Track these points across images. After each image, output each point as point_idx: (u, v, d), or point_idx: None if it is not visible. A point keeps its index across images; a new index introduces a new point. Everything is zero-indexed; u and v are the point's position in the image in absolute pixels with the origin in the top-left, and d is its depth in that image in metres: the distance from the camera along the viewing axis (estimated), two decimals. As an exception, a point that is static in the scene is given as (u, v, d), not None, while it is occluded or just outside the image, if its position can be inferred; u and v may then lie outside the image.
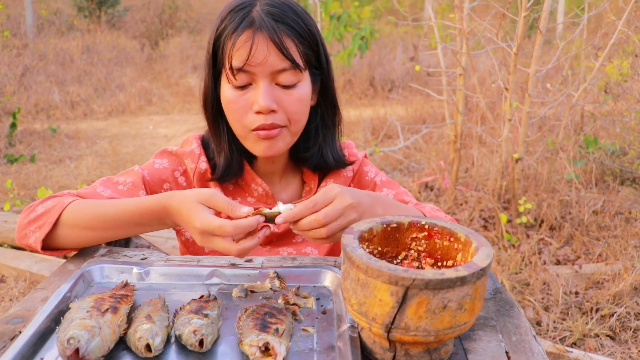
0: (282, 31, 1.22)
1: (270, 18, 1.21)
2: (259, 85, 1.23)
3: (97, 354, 0.82)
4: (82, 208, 1.20)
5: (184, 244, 1.44)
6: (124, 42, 11.63)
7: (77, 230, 1.20)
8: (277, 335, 0.87)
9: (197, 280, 1.12)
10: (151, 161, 1.41)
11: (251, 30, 1.21)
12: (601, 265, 3.38)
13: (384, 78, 9.19)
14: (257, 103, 1.23)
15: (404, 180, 5.15)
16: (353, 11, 6.84)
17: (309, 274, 1.12)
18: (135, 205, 1.17)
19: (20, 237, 1.24)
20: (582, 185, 4.50)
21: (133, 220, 1.17)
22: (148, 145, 6.80)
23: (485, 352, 0.91)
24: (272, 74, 1.23)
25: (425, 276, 0.76)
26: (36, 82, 8.40)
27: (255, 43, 1.20)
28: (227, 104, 1.27)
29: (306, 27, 1.27)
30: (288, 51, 1.22)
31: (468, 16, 4.01)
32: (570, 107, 4.12)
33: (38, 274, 3.36)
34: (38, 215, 1.22)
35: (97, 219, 1.19)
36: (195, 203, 1.07)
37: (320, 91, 1.38)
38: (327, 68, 1.35)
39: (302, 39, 1.25)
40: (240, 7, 1.24)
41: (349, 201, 1.07)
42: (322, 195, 1.06)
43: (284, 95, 1.25)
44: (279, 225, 1.36)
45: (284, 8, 1.24)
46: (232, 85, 1.25)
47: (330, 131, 1.42)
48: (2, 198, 4.67)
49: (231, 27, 1.23)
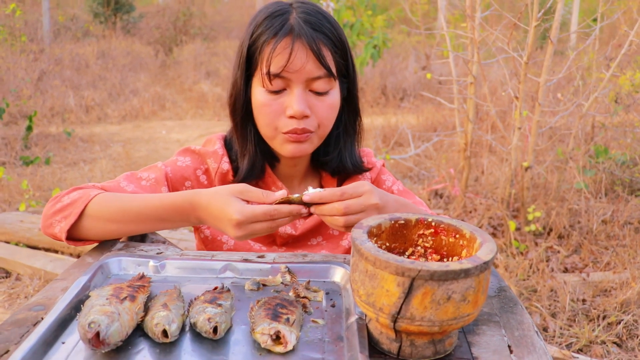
0: (320, 40, 1.25)
1: (309, 27, 1.25)
2: (293, 91, 1.26)
3: (116, 338, 0.86)
4: (107, 201, 1.23)
5: (202, 241, 1.46)
6: (139, 48, 11.77)
7: (101, 223, 1.23)
8: (288, 324, 0.91)
9: (210, 273, 1.15)
10: (174, 158, 1.43)
11: (290, 37, 1.24)
12: (609, 273, 3.39)
13: (395, 86, 9.23)
14: (291, 108, 1.26)
15: (414, 187, 5.17)
16: (366, 20, 6.89)
17: (319, 270, 1.16)
18: (160, 200, 1.20)
19: (46, 226, 1.27)
20: (592, 194, 4.51)
21: (156, 215, 1.21)
22: (161, 149, 6.87)
23: (488, 346, 0.94)
24: (308, 80, 1.26)
25: (430, 268, 0.79)
26: (52, 86, 8.52)
27: (294, 50, 1.23)
28: (260, 107, 1.30)
29: (339, 36, 1.30)
30: (325, 60, 1.25)
31: (480, 26, 4.05)
32: (581, 116, 4.14)
33: (53, 272, 3.41)
34: (64, 205, 1.25)
35: (121, 213, 1.22)
36: (229, 196, 1.12)
37: (346, 98, 1.41)
38: (353, 77, 1.39)
39: (336, 48, 1.29)
40: (278, 13, 1.27)
41: (374, 201, 1.11)
42: (351, 188, 1.11)
43: (316, 102, 1.29)
44: (298, 223, 1.40)
45: (320, 17, 1.28)
46: (266, 90, 1.28)
47: (350, 138, 1.45)
48: (17, 199, 4.75)
49: (269, 32, 1.26)
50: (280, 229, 1.41)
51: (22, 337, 0.91)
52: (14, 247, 3.81)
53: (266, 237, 1.44)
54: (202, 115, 8.77)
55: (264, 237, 1.45)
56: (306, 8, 1.28)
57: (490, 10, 4.21)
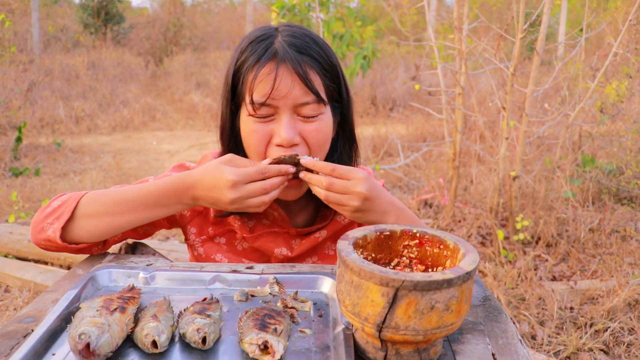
0: (306, 63, 1.20)
1: (294, 50, 1.19)
2: (281, 118, 1.21)
3: (106, 349, 0.87)
4: (99, 195, 1.23)
5: (196, 259, 1.44)
6: (129, 59, 11.78)
7: (94, 219, 1.22)
8: (276, 334, 0.92)
9: (200, 285, 1.17)
10: (167, 173, 1.39)
11: (274, 62, 1.19)
12: (596, 281, 3.42)
13: (385, 97, 9.30)
14: (278, 136, 1.21)
15: (403, 197, 5.20)
16: (356, 31, 6.95)
17: (306, 280, 1.17)
18: (155, 186, 1.20)
19: (37, 233, 1.24)
20: (579, 203, 4.55)
21: (151, 201, 1.20)
22: (151, 160, 6.87)
23: (472, 354, 0.95)
24: (295, 106, 1.21)
25: (414, 278, 0.81)
26: (42, 97, 8.51)
27: (279, 75, 1.18)
28: (248, 135, 1.25)
29: (328, 59, 1.24)
30: (312, 84, 1.19)
31: (467, 37, 4.10)
32: (567, 126, 4.19)
33: (42, 284, 3.40)
34: (54, 208, 1.24)
35: (114, 204, 1.21)
36: (220, 164, 1.15)
37: (340, 124, 1.35)
38: (347, 101, 1.32)
39: (324, 71, 1.23)
40: (262, 38, 1.22)
41: (360, 189, 1.14)
42: (345, 169, 1.15)
43: (306, 127, 1.23)
44: (294, 244, 1.40)
45: (306, 39, 1.22)
46: (253, 117, 1.22)
47: (346, 164, 1.36)
48: (7, 210, 4.73)
49: (253, 58, 1.20)
50: (275, 250, 1.39)
51: (12, 349, 0.92)
52: (3, 258, 3.79)
53: (260, 256, 1.42)
54: (193, 125, 8.78)
55: (258, 257, 1.42)
56: (292, 31, 1.23)
57: (477, 22, 4.26)
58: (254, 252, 1.42)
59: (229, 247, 1.42)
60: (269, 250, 1.39)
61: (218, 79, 10.31)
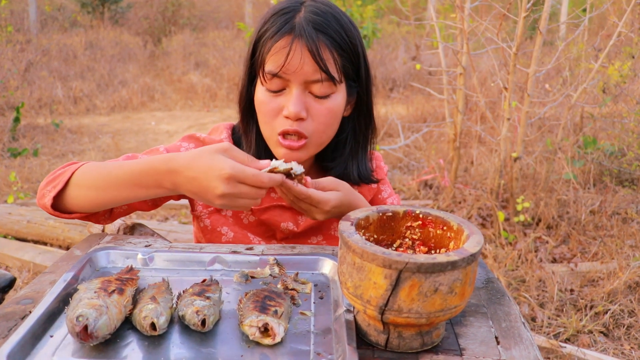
0: (322, 41, 1.21)
1: (312, 27, 1.20)
2: (292, 91, 1.23)
3: (104, 331, 0.86)
4: (93, 167, 1.21)
5: (201, 231, 1.42)
6: (127, 39, 11.68)
7: (84, 190, 1.21)
8: (276, 316, 0.91)
9: (199, 266, 1.15)
10: (177, 143, 1.39)
11: (290, 36, 1.20)
12: (597, 263, 3.42)
13: (385, 77, 9.24)
14: (287, 108, 1.23)
15: (403, 178, 5.19)
16: (356, 10, 6.88)
17: (307, 262, 1.16)
18: (138, 164, 1.15)
19: (39, 198, 1.26)
20: (580, 185, 4.54)
21: (132, 180, 1.15)
22: (150, 141, 6.85)
23: (475, 337, 0.94)
24: (306, 82, 1.22)
25: (417, 260, 0.80)
26: (39, 77, 8.45)
27: (292, 50, 1.19)
28: (259, 104, 1.27)
29: (348, 39, 1.25)
30: (324, 63, 1.20)
31: (469, 16, 4.05)
32: (569, 107, 4.16)
33: (42, 264, 3.40)
34: (55, 176, 1.25)
35: (101, 179, 1.19)
36: (215, 153, 1.07)
37: (357, 103, 1.36)
38: (365, 81, 1.33)
39: (341, 51, 1.24)
40: (285, 11, 1.24)
41: (318, 216, 1.23)
42: (321, 197, 1.18)
43: (315, 104, 1.24)
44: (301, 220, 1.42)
45: (328, 17, 1.23)
46: (266, 88, 1.25)
47: (360, 145, 1.40)
48: (5, 191, 4.72)
49: (272, 30, 1.22)
50: (282, 225, 1.39)
51: (10, 331, 0.91)
52: (2, 239, 3.79)
53: (266, 230, 1.41)
54: (192, 106, 8.74)
55: (264, 231, 1.42)
56: (316, 7, 1.24)
57: (479, 1, 4.21)
58: (259, 226, 1.41)
59: (235, 219, 1.41)
60: (276, 224, 1.39)
61: (217, 59, 10.23)
